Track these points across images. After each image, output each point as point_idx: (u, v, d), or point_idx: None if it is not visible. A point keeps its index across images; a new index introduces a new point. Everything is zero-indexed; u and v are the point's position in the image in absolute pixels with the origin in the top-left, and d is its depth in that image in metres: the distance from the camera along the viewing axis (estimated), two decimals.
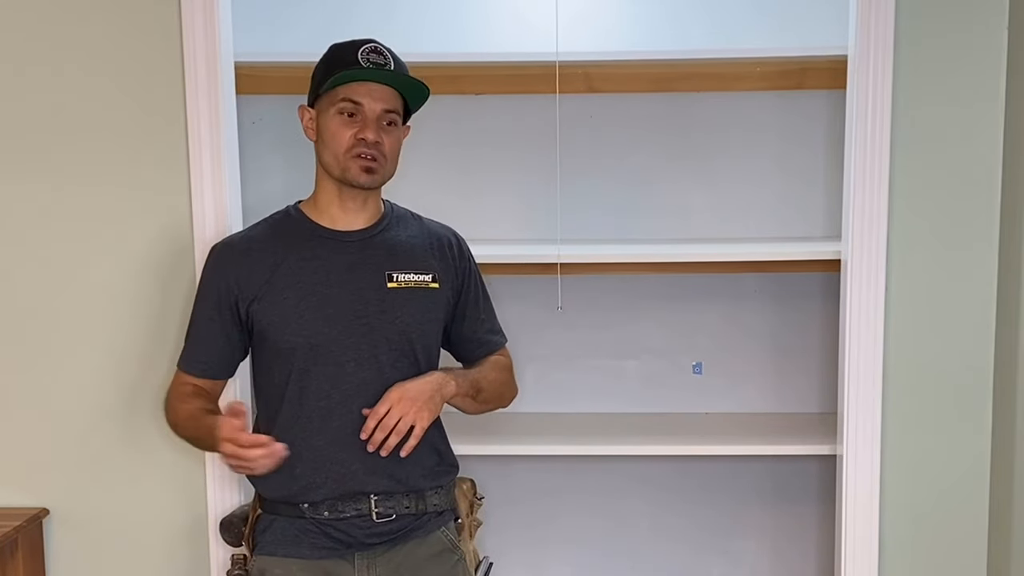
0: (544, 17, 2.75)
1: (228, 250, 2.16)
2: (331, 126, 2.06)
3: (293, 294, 2.08)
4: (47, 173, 2.47)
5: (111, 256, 2.48)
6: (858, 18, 2.40)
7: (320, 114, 2.09)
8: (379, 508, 2.08)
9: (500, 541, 3.21)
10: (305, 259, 2.10)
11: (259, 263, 2.11)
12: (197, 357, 2.16)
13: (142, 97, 2.44)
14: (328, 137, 2.07)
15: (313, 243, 2.12)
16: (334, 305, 2.08)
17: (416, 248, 2.17)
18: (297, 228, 2.14)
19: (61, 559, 2.57)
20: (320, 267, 2.10)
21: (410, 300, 2.12)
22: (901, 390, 2.49)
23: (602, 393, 3.15)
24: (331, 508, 2.07)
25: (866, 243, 2.45)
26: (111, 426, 2.53)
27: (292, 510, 2.09)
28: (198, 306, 2.17)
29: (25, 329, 2.51)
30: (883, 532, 2.52)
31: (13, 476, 2.56)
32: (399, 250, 2.15)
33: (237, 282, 2.10)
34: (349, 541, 2.09)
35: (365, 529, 2.09)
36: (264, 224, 2.19)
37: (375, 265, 2.12)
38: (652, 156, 3.08)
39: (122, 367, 2.50)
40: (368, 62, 2.05)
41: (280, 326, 2.08)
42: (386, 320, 2.09)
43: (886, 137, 2.41)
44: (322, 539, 2.09)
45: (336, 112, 2.06)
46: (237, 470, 2.00)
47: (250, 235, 2.18)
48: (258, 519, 2.17)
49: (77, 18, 2.42)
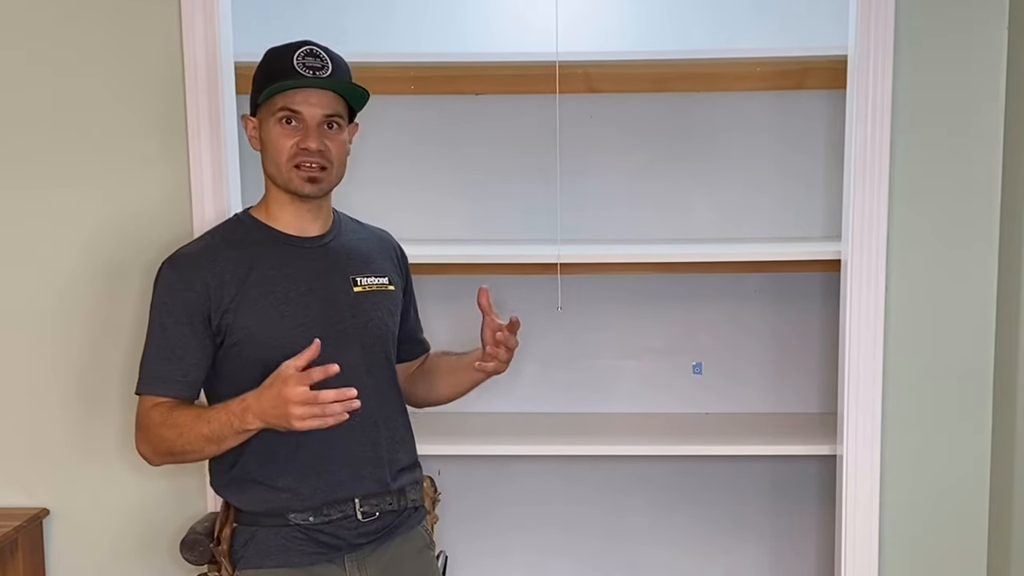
0: (544, 17, 2.74)
1: (189, 260, 2.04)
2: (272, 136, 2.01)
3: (267, 303, 2.02)
4: (47, 172, 2.47)
5: (111, 256, 2.48)
6: (858, 18, 2.40)
7: (261, 123, 2.04)
8: (364, 508, 2.08)
9: (500, 541, 3.21)
10: (274, 267, 2.04)
11: (228, 272, 2.02)
12: (172, 376, 2.01)
13: (142, 97, 2.44)
14: (270, 147, 2.02)
15: (278, 250, 2.06)
16: (309, 313, 2.04)
17: (371, 252, 2.17)
18: (258, 236, 2.07)
19: (61, 559, 2.57)
20: (291, 275, 2.04)
21: (375, 303, 2.13)
22: (901, 390, 2.49)
23: (602, 393, 3.15)
24: (316, 513, 2.04)
25: (866, 243, 2.45)
26: (111, 426, 2.53)
27: (275, 520, 2.05)
28: (162, 322, 2.01)
29: (25, 329, 2.51)
30: (883, 532, 2.52)
31: (13, 476, 2.56)
32: (356, 255, 2.14)
33: (207, 292, 2.00)
34: (338, 544, 2.07)
35: (352, 530, 2.07)
36: (218, 234, 2.10)
37: (340, 271, 2.10)
38: (652, 156, 3.08)
39: (122, 368, 2.50)
40: (304, 67, 1.99)
41: (258, 336, 2.00)
42: (358, 325, 2.08)
43: (886, 137, 2.41)
44: (310, 545, 2.05)
45: (276, 122, 2.00)
46: (306, 423, 1.84)
47: (209, 244, 2.08)
48: (235, 533, 2.09)
49: (77, 18, 2.42)
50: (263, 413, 1.88)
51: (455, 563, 3.20)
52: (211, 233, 2.12)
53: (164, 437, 1.99)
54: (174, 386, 2.01)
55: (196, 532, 2.20)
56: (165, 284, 2.03)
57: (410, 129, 3.05)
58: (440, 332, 3.11)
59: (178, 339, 2.00)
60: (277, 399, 1.85)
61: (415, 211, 3.07)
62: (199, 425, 1.96)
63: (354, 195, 2.59)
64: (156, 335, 2.02)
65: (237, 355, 2.02)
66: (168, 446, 1.99)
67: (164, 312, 2.01)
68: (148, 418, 2.01)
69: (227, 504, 2.12)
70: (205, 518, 2.31)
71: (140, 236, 2.47)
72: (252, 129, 2.08)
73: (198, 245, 2.09)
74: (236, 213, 2.14)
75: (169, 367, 2.01)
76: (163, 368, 2.01)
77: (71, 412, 2.53)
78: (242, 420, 1.91)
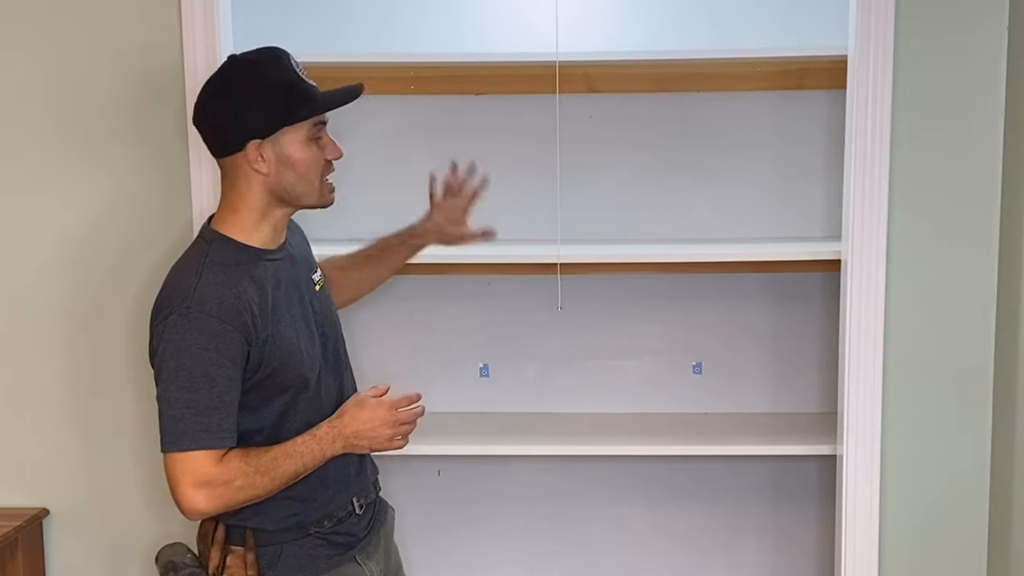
0: (544, 17, 2.74)
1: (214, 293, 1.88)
2: (304, 154, 1.94)
3: (285, 324, 1.96)
4: (46, 172, 2.47)
5: (111, 257, 2.49)
6: (858, 18, 2.40)
7: (276, 143, 1.92)
8: (359, 502, 2.11)
9: (499, 541, 3.21)
10: (272, 286, 1.96)
11: (252, 303, 1.91)
12: (223, 426, 1.87)
13: (142, 96, 2.44)
14: (298, 166, 1.94)
15: (263, 268, 1.96)
16: (307, 324, 2.02)
17: (304, 247, 2.15)
18: (243, 257, 1.95)
19: (61, 559, 2.57)
20: (284, 293, 1.98)
21: (328, 298, 2.14)
22: (901, 390, 2.49)
23: (602, 393, 3.15)
24: (329, 517, 2.07)
25: (866, 243, 2.45)
26: (111, 426, 2.53)
27: (296, 532, 2.03)
28: (206, 371, 1.85)
29: (25, 329, 2.52)
30: (883, 532, 2.52)
31: (13, 476, 2.56)
32: (300, 256, 2.11)
33: (245, 330, 1.88)
34: (350, 541, 2.10)
35: (355, 524, 2.11)
36: (210, 262, 1.93)
37: (304, 274, 2.07)
38: (652, 156, 3.07)
39: (123, 367, 2.50)
40: (307, 80, 1.96)
41: (289, 362, 1.95)
42: (329, 323, 2.09)
43: (886, 137, 2.41)
44: (330, 549, 2.07)
45: (309, 139, 1.94)
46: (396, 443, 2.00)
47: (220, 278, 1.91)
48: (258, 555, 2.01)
49: (77, 18, 2.43)
50: (354, 436, 1.97)
51: (455, 563, 3.21)
52: (204, 267, 1.92)
53: (255, 485, 1.90)
54: (227, 437, 1.89)
55: (188, 565, 2.05)
56: (197, 331, 1.86)
57: (410, 129, 3.05)
58: (440, 332, 3.13)
59: (225, 386, 1.87)
60: (374, 422, 1.97)
61: (415, 211, 3.07)
62: (291, 463, 1.92)
63: (354, 196, 2.59)
64: (202, 386, 1.85)
65: (267, 384, 1.94)
66: (255, 494, 1.91)
67: (205, 362, 1.85)
68: (228, 472, 1.87)
69: (223, 530, 2.01)
70: (173, 549, 2.11)
71: (140, 236, 2.48)
72: (260, 153, 1.92)
73: (208, 283, 1.90)
74: (205, 236, 1.97)
75: (219, 417, 1.87)
76: (213, 419, 1.87)
77: (71, 412, 2.53)
78: (332, 447, 1.96)
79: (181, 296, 1.88)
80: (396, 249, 2.44)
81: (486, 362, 3.13)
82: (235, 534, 2.01)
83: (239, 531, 2.01)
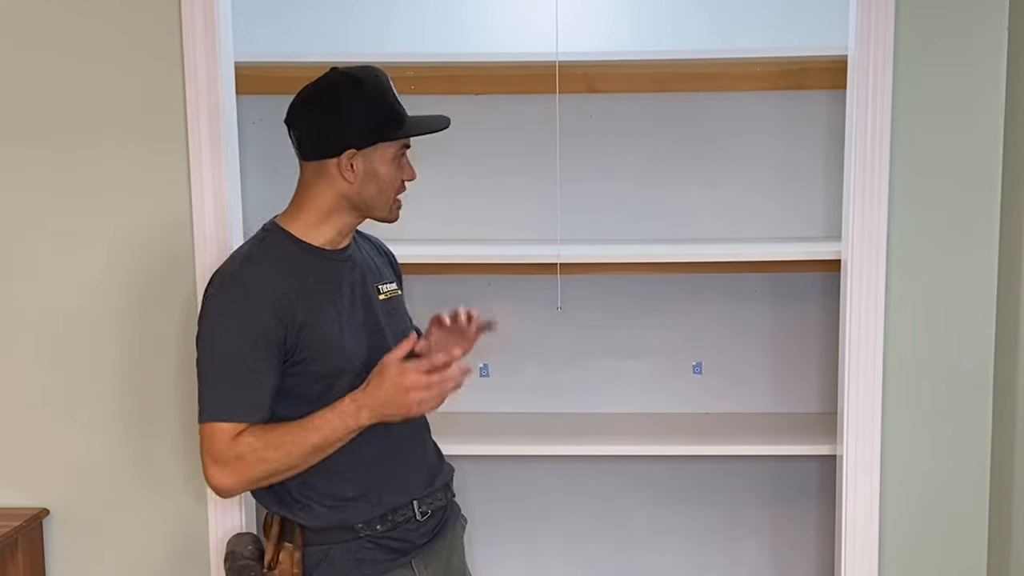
0: (544, 17, 2.74)
1: (256, 281, 1.98)
2: (389, 169, 2.04)
3: (328, 316, 2.01)
4: (46, 172, 2.47)
5: (110, 257, 2.48)
6: (858, 18, 2.40)
7: (367, 156, 2.02)
8: (422, 508, 2.10)
9: (499, 540, 3.21)
10: (321, 281, 2.03)
11: (292, 288, 1.98)
12: (253, 401, 1.94)
13: (142, 97, 2.44)
14: (381, 179, 2.04)
15: (317, 263, 2.04)
16: (358, 325, 2.06)
17: (377, 260, 2.21)
18: (294, 250, 2.04)
19: (61, 559, 2.57)
20: (335, 288, 2.05)
21: (395, 309, 2.17)
22: (901, 390, 2.49)
23: (602, 393, 3.15)
24: (382, 520, 2.05)
25: (866, 243, 2.45)
26: (111, 426, 2.53)
27: (345, 534, 2.03)
28: (238, 348, 1.93)
29: (25, 330, 2.51)
30: (883, 532, 2.52)
31: (13, 476, 2.56)
32: (369, 265, 2.16)
33: (282, 312, 1.95)
34: (405, 547, 2.08)
35: (414, 531, 2.10)
36: (262, 248, 2.04)
37: (367, 280, 2.12)
38: (652, 156, 3.08)
39: (122, 368, 2.50)
40: (401, 103, 2.06)
41: (325, 352, 1.99)
42: (392, 333, 2.11)
43: (886, 137, 2.41)
44: (382, 553, 2.06)
45: (398, 157, 2.06)
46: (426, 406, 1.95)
47: (265, 262, 2.01)
48: (304, 554, 2.03)
49: (78, 18, 2.43)
50: (380, 406, 1.93)
51: None
52: (255, 250, 2.03)
53: (267, 460, 1.93)
54: (257, 412, 1.94)
55: (244, 557, 2.10)
56: (236, 307, 1.95)
57: None
58: None
59: (257, 363, 1.93)
60: (396, 389, 1.92)
61: (415, 211, 3.06)
62: (307, 437, 1.93)
63: None
64: (232, 360, 1.93)
65: (303, 371, 1.99)
66: (269, 469, 1.94)
67: (238, 337, 1.93)
68: (238, 447, 1.92)
69: (278, 525, 2.05)
70: (240, 539, 2.17)
71: (140, 237, 2.47)
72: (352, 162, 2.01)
73: (254, 264, 2.00)
74: (266, 225, 2.07)
75: (249, 392, 1.94)
76: (242, 394, 1.94)
77: (71, 412, 2.53)
78: (356, 418, 1.94)
79: (227, 275, 2.00)
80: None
81: (486, 362, 3.14)
82: (288, 529, 2.05)
83: (292, 527, 2.04)
